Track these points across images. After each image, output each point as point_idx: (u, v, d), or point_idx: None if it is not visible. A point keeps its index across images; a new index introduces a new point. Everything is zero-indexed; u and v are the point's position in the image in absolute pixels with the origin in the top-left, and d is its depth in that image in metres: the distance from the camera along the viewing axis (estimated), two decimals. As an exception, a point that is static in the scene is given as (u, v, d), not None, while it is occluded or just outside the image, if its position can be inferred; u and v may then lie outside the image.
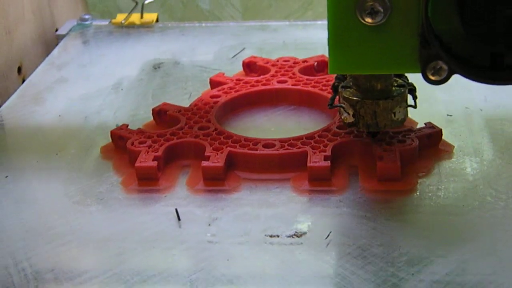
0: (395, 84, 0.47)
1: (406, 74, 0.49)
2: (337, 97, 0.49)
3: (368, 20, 0.41)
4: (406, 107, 0.48)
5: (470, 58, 0.41)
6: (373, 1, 0.40)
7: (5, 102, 0.63)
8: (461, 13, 0.40)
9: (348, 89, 0.48)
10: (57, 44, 0.76)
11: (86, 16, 0.80)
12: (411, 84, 0.48)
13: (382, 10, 0.40)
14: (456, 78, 0.46)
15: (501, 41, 0.40)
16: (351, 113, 0.47)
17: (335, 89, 0.49)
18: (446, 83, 0.41)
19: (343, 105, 0.47)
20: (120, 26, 0.79)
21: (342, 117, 0.48)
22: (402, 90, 0.47)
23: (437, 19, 0.40)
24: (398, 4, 0.40)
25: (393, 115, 0.47)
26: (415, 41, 0.41)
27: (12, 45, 0.71)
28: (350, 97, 0.47)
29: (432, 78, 0.41)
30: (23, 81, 0.70)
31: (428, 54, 0.41)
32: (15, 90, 0.65)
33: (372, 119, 0.47)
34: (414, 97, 0.48)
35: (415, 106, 0.48)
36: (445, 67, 0.41)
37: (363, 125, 0.47)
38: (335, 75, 0.50)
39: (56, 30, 0.80)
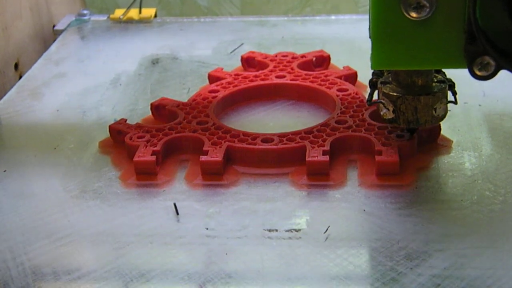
0: (435, 80, 0.47)
1: (444, 70, 0.48)
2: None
3: (413, 14, 0.40)
4: (447, 103, 0.47)
5: None
6: None
7: (2, 96, 0.63)
8: (509, 9, 0.39)
9: (388, 85, 0.47)
10: (55, 39, 0.76)
11: (85, 11, 0.80)
12: (451, 80, 0.48)
13: (428, 4, 0.40)
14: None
15: None
16: (391, 109, 0.46)
17: (373, 84, 0.48)
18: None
19: (382, 101, 0.47)
20: (119, 21, 0.79)
21: (382, 113, 0.47)
22: (443, 86, 0.46)
23: (484, 15, 0.40)
24: None
25: (434, 111, 0.46)
26: (461, 37, 0.41)
27: (9, 42, 0.71)
28: (391, 93, 0.46)
29: (479, 73, 0.41)
30: (20, 77, 0.69)
31: (474, 49, 0.40)
32: (12, 87, 0.65)
33: (413, 115, 0.46)
34: (454, 93, 0.48)
35: (455, 102, 0.47)
36: (492, 62, 0.40)
37: (403, 121, 0.46)
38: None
39: (53, 26, 0.80)
